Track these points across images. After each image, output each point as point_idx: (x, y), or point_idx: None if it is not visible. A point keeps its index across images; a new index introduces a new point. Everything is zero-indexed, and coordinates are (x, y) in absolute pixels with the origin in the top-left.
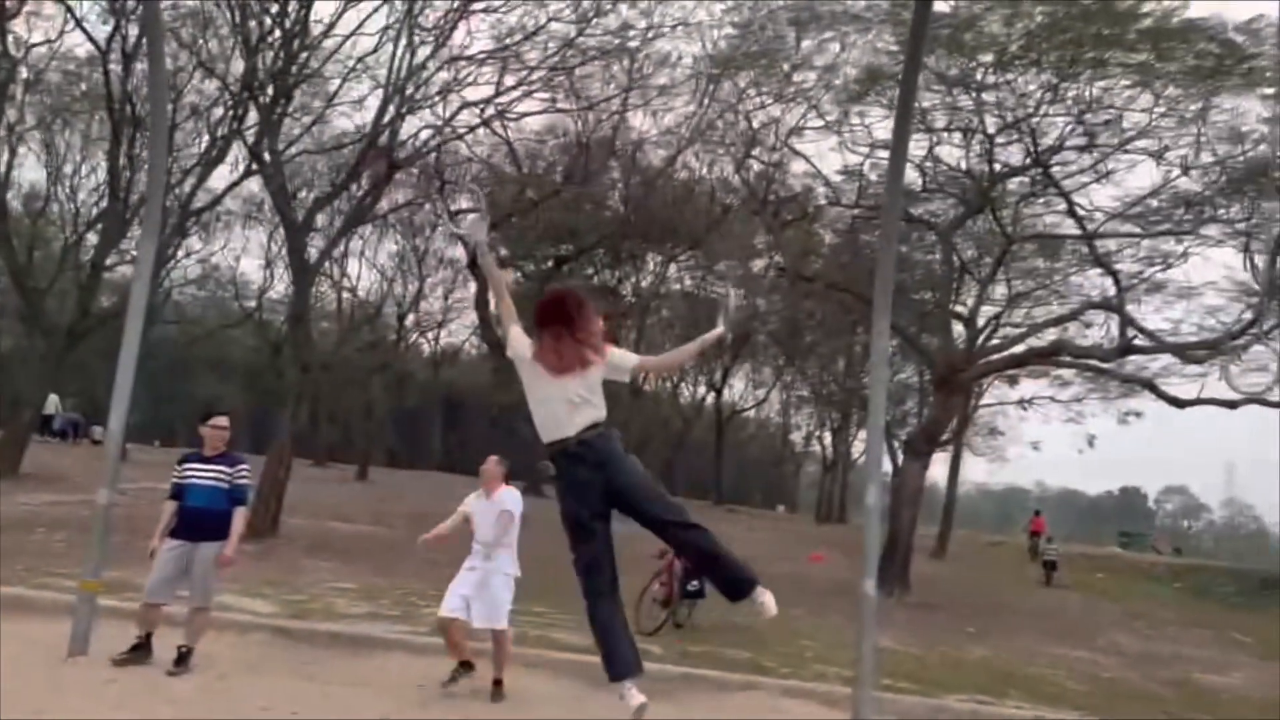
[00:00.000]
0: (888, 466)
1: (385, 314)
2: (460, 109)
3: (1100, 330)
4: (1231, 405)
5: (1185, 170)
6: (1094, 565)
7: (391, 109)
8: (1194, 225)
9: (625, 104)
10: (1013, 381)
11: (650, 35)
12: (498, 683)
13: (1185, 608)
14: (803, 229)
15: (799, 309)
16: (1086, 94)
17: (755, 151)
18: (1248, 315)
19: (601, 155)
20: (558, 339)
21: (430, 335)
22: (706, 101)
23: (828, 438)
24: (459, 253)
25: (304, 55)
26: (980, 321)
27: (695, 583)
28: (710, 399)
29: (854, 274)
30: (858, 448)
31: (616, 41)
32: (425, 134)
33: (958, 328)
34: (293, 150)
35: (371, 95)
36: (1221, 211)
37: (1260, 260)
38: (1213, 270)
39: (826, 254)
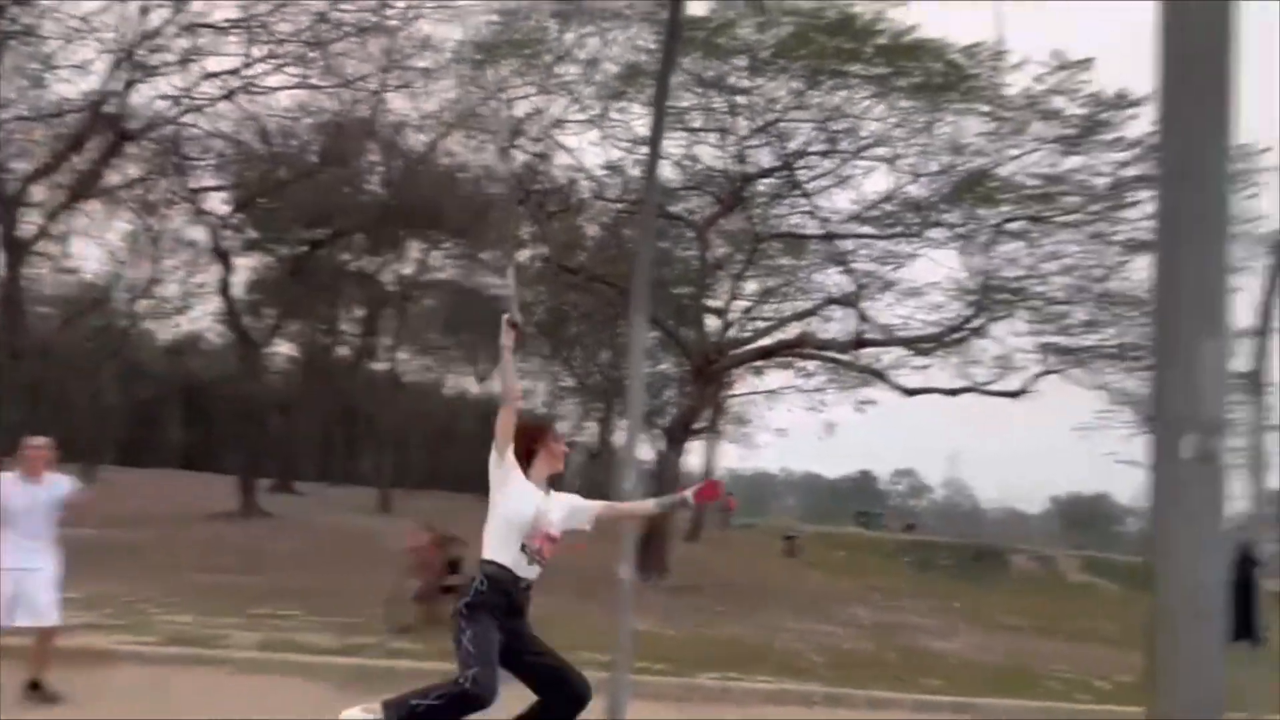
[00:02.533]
0: (646, 454)
1: (115, 298)
2: (201, 79)
3: (839, 325)
4: (953, 393)
5: (915, 177)
6: (834, 544)
7: (122, 75)
8: (921, 228)
9: (384, 85)
10: (760, 372)
11: (410, 15)
12: (35, 685)
13: (913, 580)
14: (567, 221)
15: (564, 300)
16: (830, 102)
17: (519, 141)
18: (966, 312)
19: (359, 136)
20: None
21: (167, 322)
22: (469, 88)
23: (592, 427)
24: (199, 234)
25: (14, 9)
26: (732, 315)
27: (454, 577)
28: (476, 390)
29: (616, 267)
30: (619, 437)
31: (374, 19)
32: (162, 104)
33: (712, 321)
34: (3, 116)
35: (99, 60)
36: (944, 216)
37: (975, 261)
38: (936, 271)
39: (590, 247)
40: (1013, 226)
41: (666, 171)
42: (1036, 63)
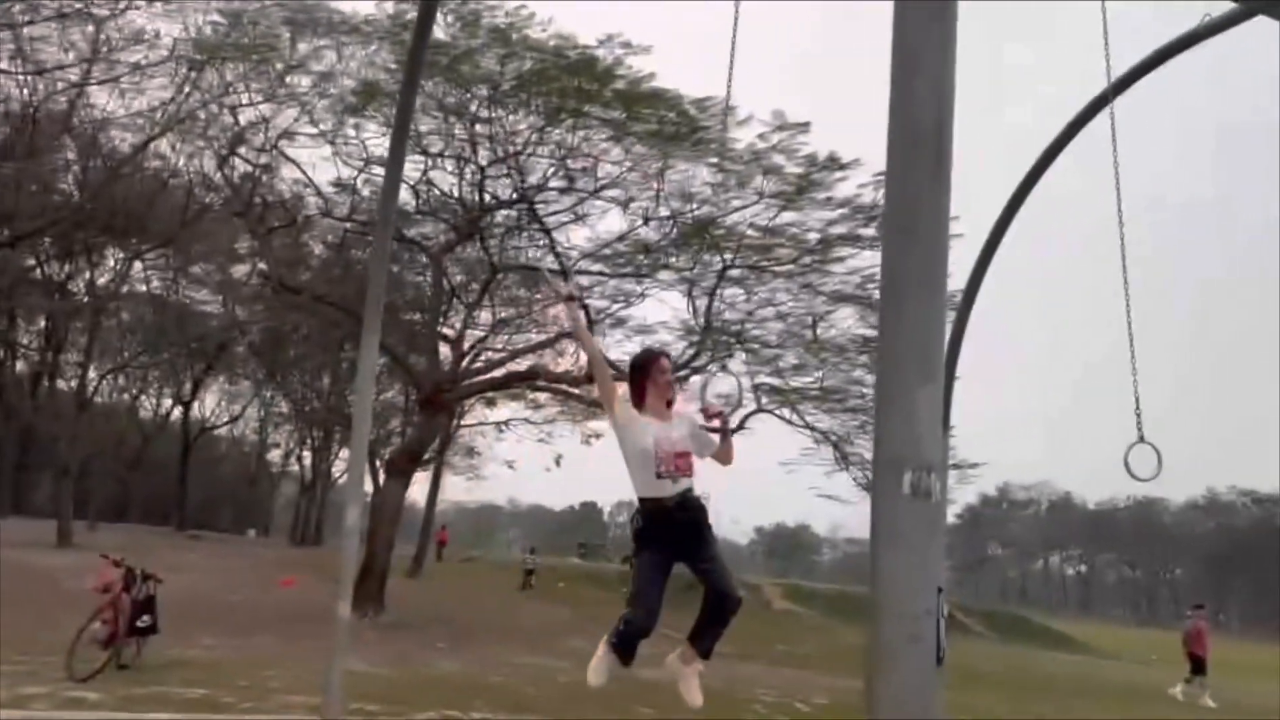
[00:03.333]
0: (368, 486)
1: None
2: None
3: (571, 359)
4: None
5: (645, 220)
6: (556, 575)
7: None
8: (651, 269)
9: (87, 76)
10: (491, 403)
11: (122, 5)
12: None
13: None
14: (291, 237)
15: (284, 320)
16: (569, 140)
17: (241, 150)
18: (690, 351)
19: (53, 131)
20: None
21: None
22: (187, 89)
23: (308, 457)
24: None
25: None
26: (465, 344)
27: (147, 617)
28: (177, 414)
29: (343, 289)
30: (339, 466)
31: (79, 5)
32: None
33: (443, 350)
34: None
35: None
36: (673, 259)
37: (700, 303)
38: (665, 311)
39: (316, 266)
40: (734, 273)
41: (402, 195)
42: (760, 120)
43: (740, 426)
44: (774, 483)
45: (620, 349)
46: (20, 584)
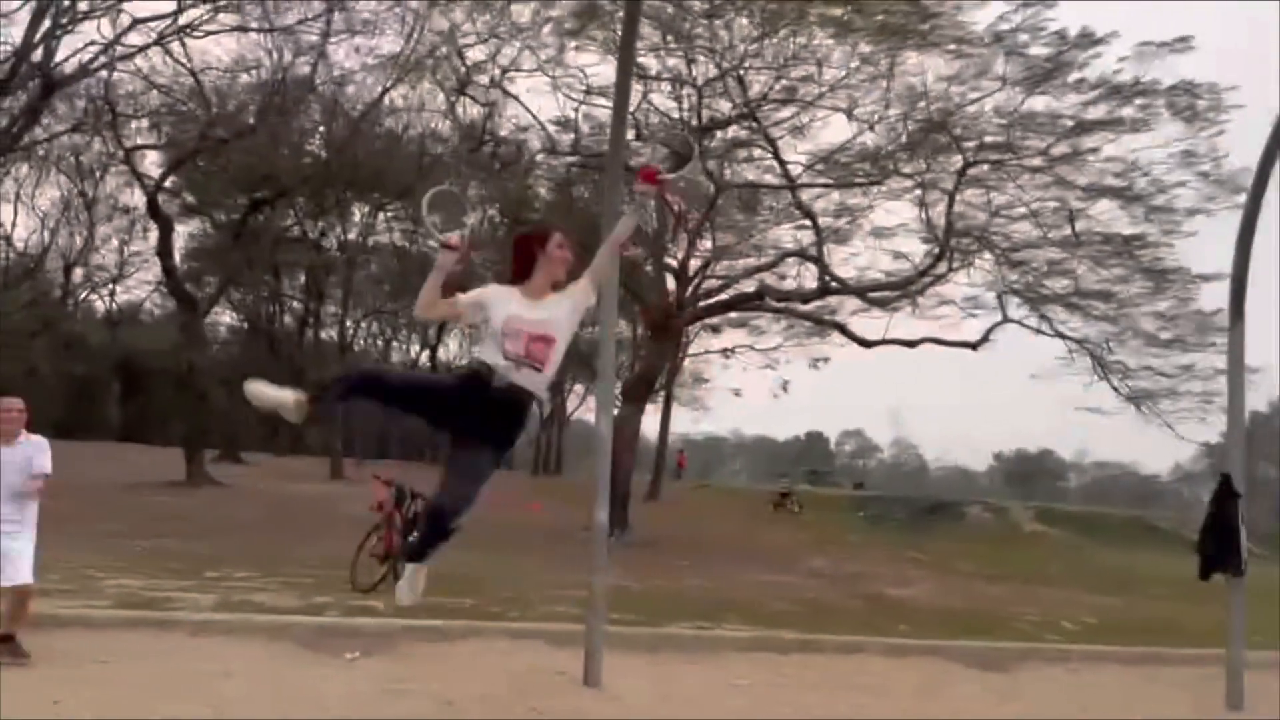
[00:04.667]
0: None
1: (49, 268)
2: (131, 26)
3: (793, 281)
4: (911, 344)
5: (871, 126)
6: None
7: (48, 20)
8: (881, 176)
9: (327, 33)
10: (716, 331)
11: None
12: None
13: (868, 533)
14: (518, 177)
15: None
16: (790, 46)
17: (468, 90)
18: (927, 261)
19: (300, 94)
20: None
21: (104, 292)
22: (416, 37)
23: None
24: (136, 199)
25: None
26: (690, 271)
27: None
28: (425, 357)
29: (572, 225)
30: (572, 402)
31: None
32: (90, 52)
33: (669, 280)
34: None
35: (24, 7)
36: (902, 165)
37: (937, 210)
38: (895, 220)
39: (540, 207)
40: (974, 172)
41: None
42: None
43: (984, 339)
44: (1013, 404)
45: (848, 265)
46: (303, 510)
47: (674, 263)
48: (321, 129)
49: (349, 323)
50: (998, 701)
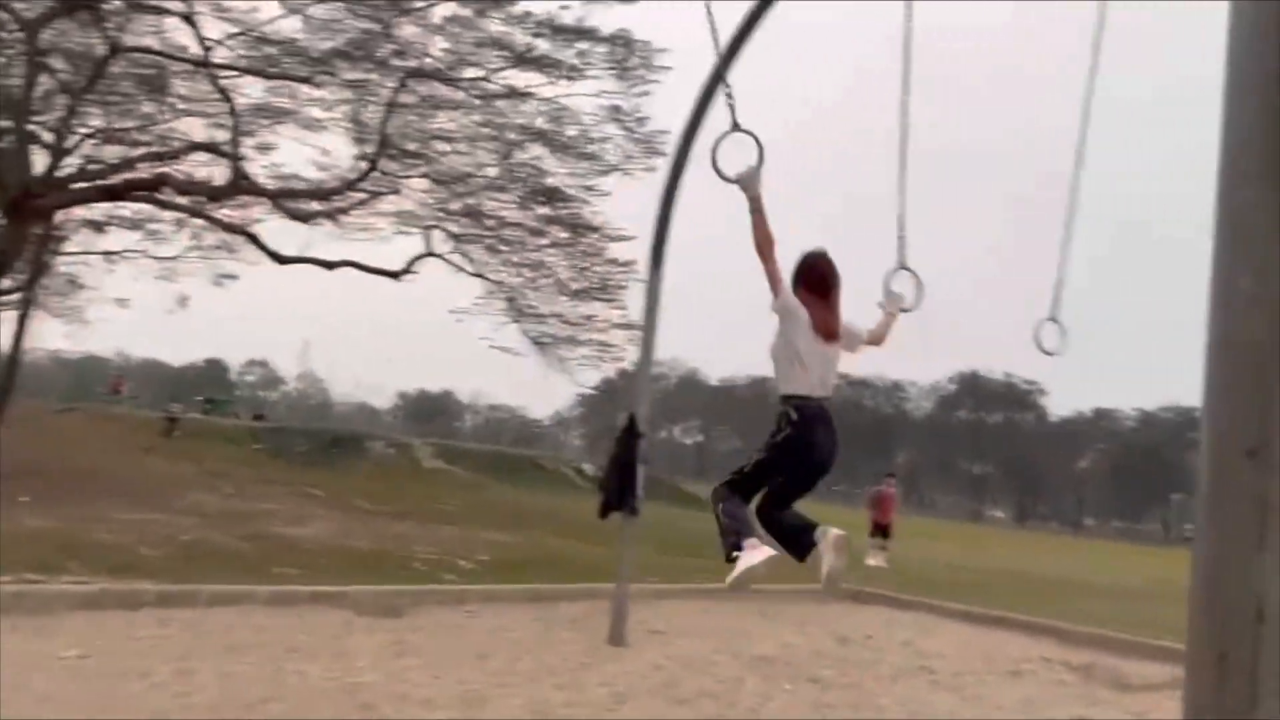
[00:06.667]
0: None
1: None
2: None
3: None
4: (329, 265)
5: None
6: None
7: None
8: (312, 73)
9: None
10: (100, 229)
11: None
12: None
13: (264, 467)
14: None
15: None
16: None
17: None
18: (360, 170)
19: None
20: (830, 308)
21: None
22: None
23: None
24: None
25: None
26: (67, 146)
27: None
28: None
29: None
30: None
31: None
32: None
33: (39, 157)
34: None
35: None
36: (343, 72)
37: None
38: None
39: None
40: (408, 99)
41: None
42: None
43: (407, 270)
44: (428, 340)
45: (274, 170)
46: None
47: (47, 136)
48: None
49: None
50: (395, 655)
